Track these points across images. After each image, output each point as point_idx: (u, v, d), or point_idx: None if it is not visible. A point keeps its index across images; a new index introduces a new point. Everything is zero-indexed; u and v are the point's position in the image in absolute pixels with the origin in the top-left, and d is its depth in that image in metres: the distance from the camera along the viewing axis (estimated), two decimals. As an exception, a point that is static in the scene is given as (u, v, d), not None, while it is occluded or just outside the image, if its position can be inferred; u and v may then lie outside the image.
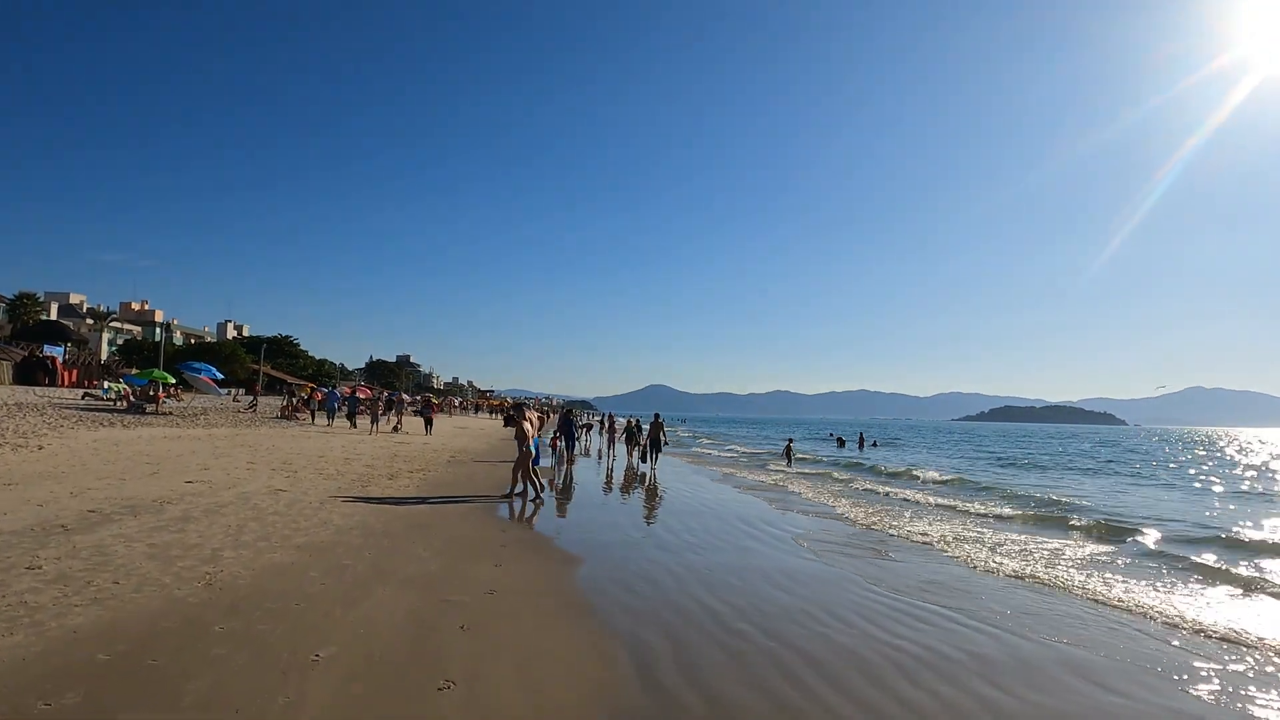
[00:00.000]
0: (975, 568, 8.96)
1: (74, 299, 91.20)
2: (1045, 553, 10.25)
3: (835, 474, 22.79)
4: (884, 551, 9.77)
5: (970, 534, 11.71)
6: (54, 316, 74.49)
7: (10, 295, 67.77)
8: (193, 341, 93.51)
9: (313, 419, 30.07)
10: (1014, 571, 8.81)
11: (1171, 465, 36.83)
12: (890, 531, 11.55)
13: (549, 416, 59.76)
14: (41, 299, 76.59)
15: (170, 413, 26.62)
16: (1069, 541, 11.48)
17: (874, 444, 46.77)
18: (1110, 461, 38.00)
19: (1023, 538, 11.58)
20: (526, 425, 12.35)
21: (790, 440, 26.68)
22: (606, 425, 25.23)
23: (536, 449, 12.68)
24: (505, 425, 32.17)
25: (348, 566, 6.87)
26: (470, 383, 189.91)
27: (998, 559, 9.58)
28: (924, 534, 11.41)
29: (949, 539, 10.98)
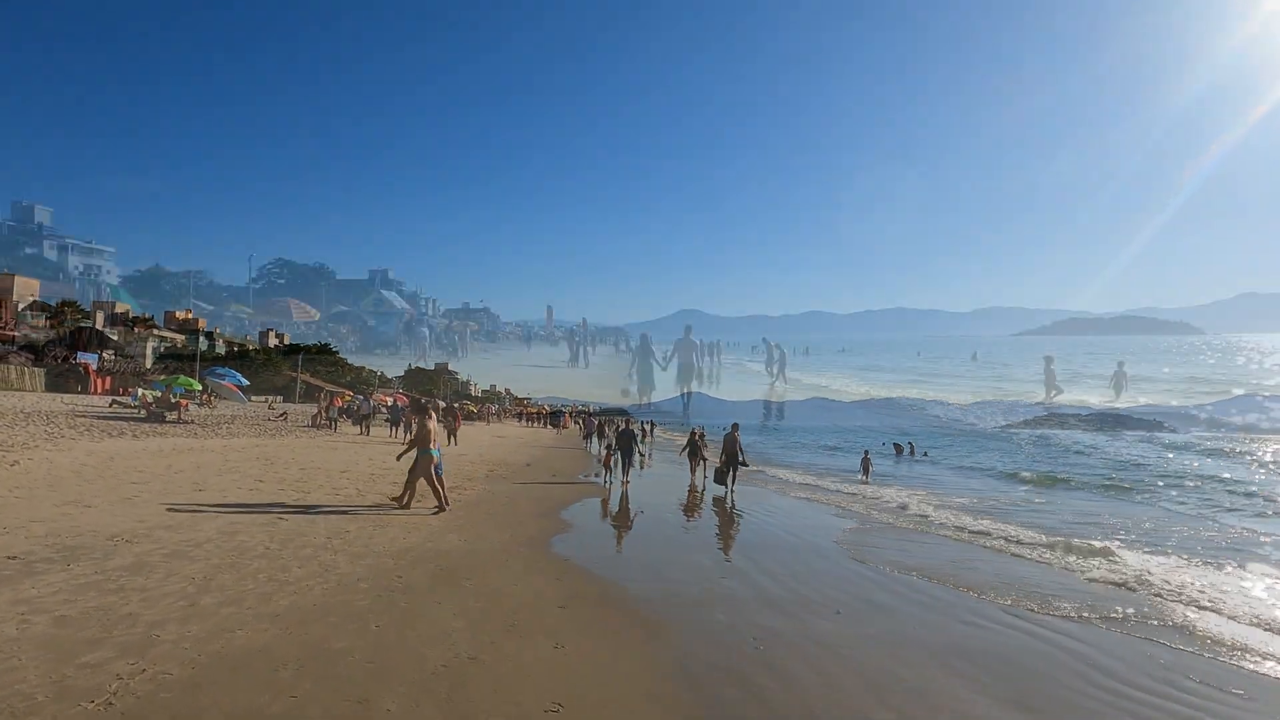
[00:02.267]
0: (1209, 644, 6.38)
1: (119, 308, 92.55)
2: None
3: (900, 493, 20.06)
4: (1064, 610, 7.22)
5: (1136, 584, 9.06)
6: (99, 325, 75.23)
7: (53, 304, 68.48)
8: (235, 349, 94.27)
9: (334, 428, 28.22)
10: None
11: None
12: (1036, 579, 8.96)
13: (581, 423, 57.75)
14: (87, 309, 77.53)
15: (192, 421, 25.08)
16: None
17: (925, 454, 44.63)
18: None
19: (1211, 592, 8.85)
20: (431, 424, 10.50)
21: (867, 452, 24.35)
22: (649, 434, 22.97)
23: (439, 457, 10.54)
24: (413, 412, 28.69)
25: (339, 654, 4.65)
26: (508, 389, 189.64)
27: (1216, 632, 6.98)
28: (1078, 577, 8.81)
29: (1125, 590, 8.37)
